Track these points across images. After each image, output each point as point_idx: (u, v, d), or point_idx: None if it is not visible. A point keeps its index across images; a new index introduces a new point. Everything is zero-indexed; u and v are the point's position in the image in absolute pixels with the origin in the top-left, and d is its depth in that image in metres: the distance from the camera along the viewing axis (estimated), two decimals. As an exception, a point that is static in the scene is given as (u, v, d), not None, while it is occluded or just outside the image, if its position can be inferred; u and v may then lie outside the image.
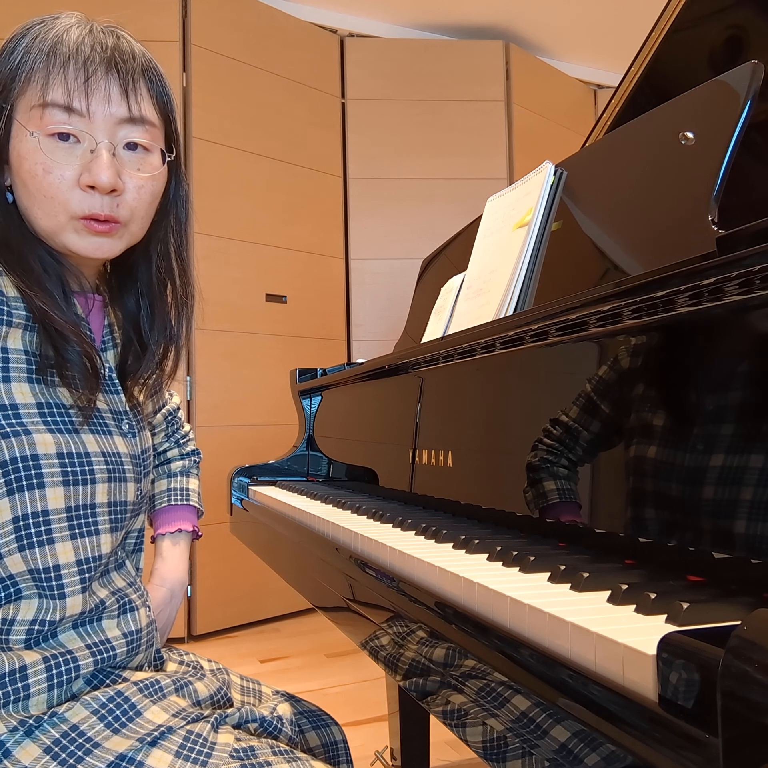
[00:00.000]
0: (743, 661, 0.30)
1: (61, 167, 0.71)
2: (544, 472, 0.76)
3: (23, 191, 0.73)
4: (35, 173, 0.71)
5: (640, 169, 0.88)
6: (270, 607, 3.18)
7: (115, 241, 0.76)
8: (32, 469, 0.69)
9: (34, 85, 0.71)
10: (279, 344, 3.24)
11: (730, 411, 0.53)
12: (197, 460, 1.10)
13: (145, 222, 0.79)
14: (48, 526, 0.71)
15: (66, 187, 0.71)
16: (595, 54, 4.10)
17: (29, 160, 0.71)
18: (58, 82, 0.71)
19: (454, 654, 0.56)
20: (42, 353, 0.72)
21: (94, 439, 0.76)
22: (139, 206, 0.76)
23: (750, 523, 0.50)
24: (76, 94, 0.71)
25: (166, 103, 0.79)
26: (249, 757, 0.71)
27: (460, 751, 1.87)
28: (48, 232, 0.74)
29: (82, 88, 0.71)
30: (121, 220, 0.75)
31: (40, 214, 0.73)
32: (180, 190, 0.84)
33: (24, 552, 0.70)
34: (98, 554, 0.75)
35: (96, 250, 0.75)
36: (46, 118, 0.71)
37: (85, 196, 0.72)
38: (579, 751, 0.41)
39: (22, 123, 0.72)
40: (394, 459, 1.17)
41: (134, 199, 0.75)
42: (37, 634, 0.71)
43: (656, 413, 0.61)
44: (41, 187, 0.71)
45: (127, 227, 0.76)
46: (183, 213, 0.85)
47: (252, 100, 3.19)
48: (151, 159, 0.77)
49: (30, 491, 0.70)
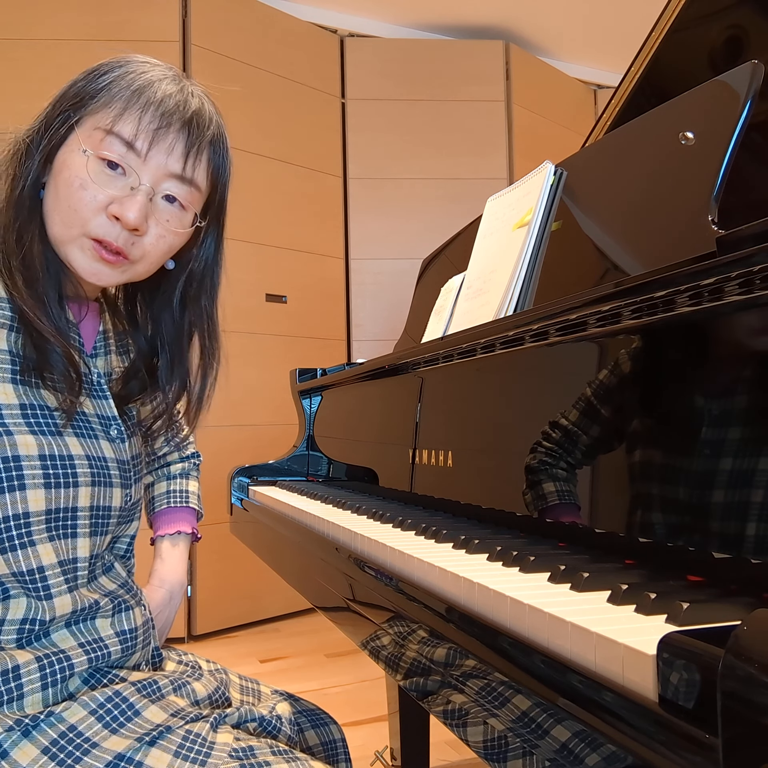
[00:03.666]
0: (743, 661, 0.30)
1: (97, 189, 0.73)
2: (544, 472, 0.76)
3: (52, 194, 0.74)
4: (71, 184, 0.73)
5: (640, 169, 0.88)
6: (270, 607, 3.18)
7: (116, 273, 0.76)
8: (13, 471, 0.69)
9: (108, 111, 0.73)
10: (279, 344, 3.24)
11: (729, 411, 0.53)
12: (197, 462, 1.10)
13: (152, 267, 0.80)
14: (28, 528, 0.70)
15: (93, 207, 0.73)
16: (595, 54, 4.10)
17: (72, 171, 0.73)
18: (132, 119, 0.73)
19: (454, 654, 0.56)
20: (26, 354, 0.72)
21: (78, 442, 0.75)
22: (153, 252, 0.77)
23: (750, 523, 0.50)
24: (143, 135, 0.73)
25: (221, 175, 0.82)
26: (248, 756, 0.71)
27: (460, 751, 1.87)
28: (57, 240, 0.75)
29: (151, 133, 0.73)
30: (130, 258, 0.76)
31: (57, 220, 0.74)
32: (219, 256, 0.87)
33: (6, 554, 0.69)
34: (74, 557, 0.74)
35: (93, 275, 0.75)
36: (105, 143, 0.73)
37: (107, 223, 0.73)
38: (579, 751, 0.41)
39: (81, 138, 0.73)
40: (394, 459, 1.17)
41: (151, 244, 0.77)
42: (28, 634, 0.70)
43: (656, 413, 0.61)
44: (71, 197, 0.73)
45: (134, 265, 0.77)
46: (218, 278, 0.88)
47: (252, 100, 3.19)
48: (184, 217, 0.79)
49: (11, 493, 0.69)
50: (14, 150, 0.76)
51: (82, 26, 2.83)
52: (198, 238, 0.84)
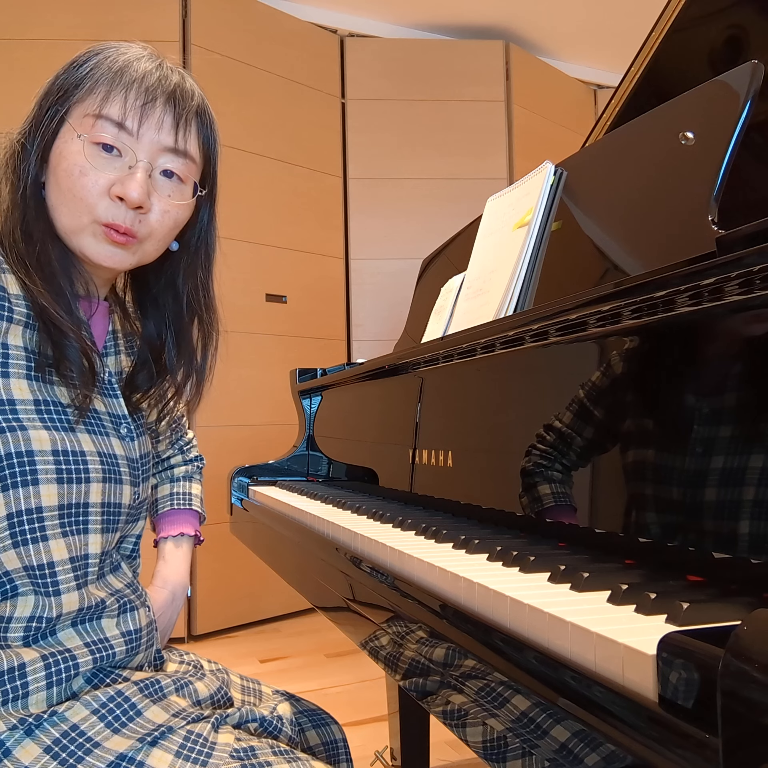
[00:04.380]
0: (743, 660, 0.30)
1: (97, 173, 0.74)
2: (545, 472, 0.76)
3: (54, 189, 0.75)
4: (71, 173, 0.74)
5: (640, 169, 0.88)
6: (270, 607, 3.18)
7: (128, 255, 0.78)
8: (27, 465, 0.70)
9: (94, 97, 0.74)
10: (279, 344, 3.24)
11: (729, 411, 0.53)
12: (200, 466, 1.11)
13: (160, 245, 0.81)
14: (41, 523, 0.71)
15: (96, 192, 0.74)
16: (595, 54, 4.10)
17: (69, 161, 0.74)
18: (118, 99, 0.74)
19: (454, 654, 0.56)
20: (41, 351, 0.73)
21: (90, 438, 0.76)
22: (159, 228, 0.79)
23: (750, 522, 0.50)
24: (132, 114, 0.74)
25: (211, 146, 0.84)
26: (249, 757, 0.71)
27: (460, 751, 1.87)
28: (68, 231, 0.76)
29: (138, 110, 0.75)
30: (138, 236, 0.77)
31: (65, 212, 0.75)
32: (212, 228, 0.88)
33: (18, 548, 0.70)
34: (86, 553, 0.75)
35: (108, 259, 0.76)
36: (97, 127, 0.74)
37: (111, 205, 0.74)
38: (579, 751, 0.41)
39: (74, 126, 0.74)
40: (394, 459, 1.17)
41: (157, 221, 0.78)
42: (35, 632, 0.71)
43: (656, 413, 0.61)
44: (73, 187, 0.74)
45: (142, 245, 0.78)
46: (212, 250, 0.89)
47: (252, 100, 3.19)
48: (184, 189, 0.80)
49: (24, 487, 0.70)
50: (9, 153, 0.76)
51: (82, 26, 2.83)
52: (197, 215, 0.85)
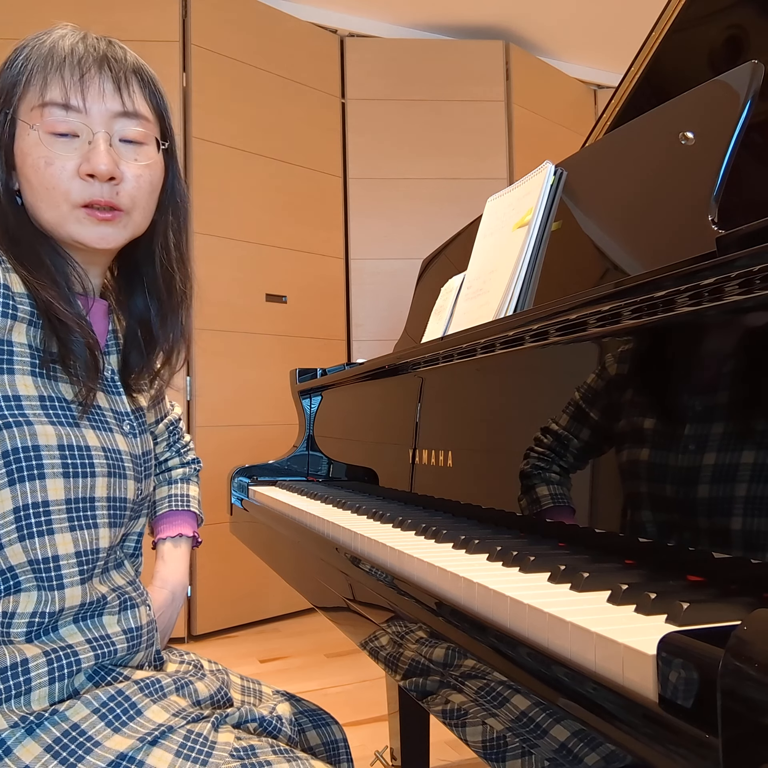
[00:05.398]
0: (743, 660, 0.30)
1: (62, 159, 0.74)
2: (545, 472, 0.76)
3: (27, 187, 0.75)
4: (38, 166, 0.74)
5: (640, 169, 0.88)
6: (270, 607, 3.18)
7: (119, 231, 0.78)
8: (33, 460, 0.70)
9: (34, 87, 0.75)
10: (279, 344, 3.24)
11: (729, 410, 0.53)
12: (197, 468, 1.11)
13: (147, 212, 0.81)
14: (48, 516, 0.71)
15: (66, 177, 0.74)
16: (595, 54, 4.10)
17: (32, 155, 0.74)
18: (55, 81, 0.74)
19: (454, 654, 0.56)
20: (45, 348, 0.73)
21: (94, 434, 0.77)
22: (139, 195, 0.78)
23: (750, 522, 0.50)
24: (73, 91, 0.74)
25: (159, 101, 0.83)
26: (249, 756, 0.71)
27: (460, 751, 1.87)
28: (52, 224, 0.76)
29: (77, 85, 0.74)
30: (123, 208, 0.77)
31: (44, 207, 0.75)
32: (177, 185, 0.87)
33: (24, 542, 0.70)
34: (96, 548, 0.76)
35: (101, 240, 0.77)
36: (45, 115, 0.74)
37: (85, 185, 0.74)
38: (579, 750, 0.41)
39: (25, 121, 0.74)
40: (394, 459, 1.17)
41: (133, 187, 0.78)
42: (38, 627, 0.71)
43: (657, 413, 0.61)
44: (43, 179, 0.74)
45: (130, 216, 0.78)
46: (181, 207, 0.88)
47: (252, 100, 3.19)
48: (147, 150, 0.80)
49: (30, 482, 0.70)
50: None
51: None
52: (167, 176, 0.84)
